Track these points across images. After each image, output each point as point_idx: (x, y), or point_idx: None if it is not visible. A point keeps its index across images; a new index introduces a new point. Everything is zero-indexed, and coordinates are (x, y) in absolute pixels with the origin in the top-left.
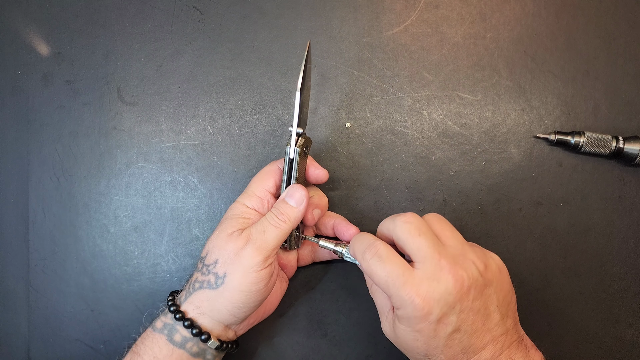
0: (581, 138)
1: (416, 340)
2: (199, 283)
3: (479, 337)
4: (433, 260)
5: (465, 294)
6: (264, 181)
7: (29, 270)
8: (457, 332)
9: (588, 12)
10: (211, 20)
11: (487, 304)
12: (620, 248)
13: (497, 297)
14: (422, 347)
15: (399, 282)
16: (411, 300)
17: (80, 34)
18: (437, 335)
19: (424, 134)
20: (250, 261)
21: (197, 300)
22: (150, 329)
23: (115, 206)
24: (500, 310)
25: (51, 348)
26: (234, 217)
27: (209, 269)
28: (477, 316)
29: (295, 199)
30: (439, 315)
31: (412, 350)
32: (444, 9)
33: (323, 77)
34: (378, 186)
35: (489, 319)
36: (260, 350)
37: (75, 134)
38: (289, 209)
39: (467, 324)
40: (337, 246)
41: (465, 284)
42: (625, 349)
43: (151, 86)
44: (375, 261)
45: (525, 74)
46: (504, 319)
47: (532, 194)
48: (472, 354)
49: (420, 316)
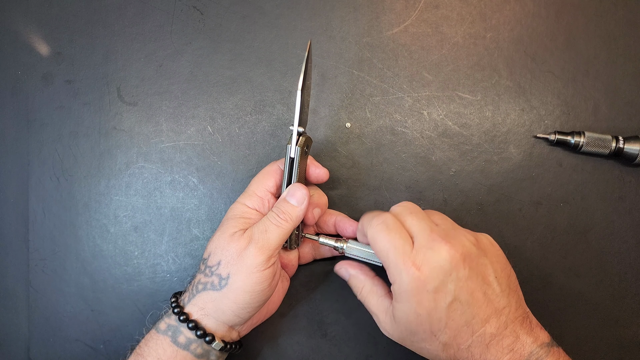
0: (581, 138)
1: (418, 315)
2: (202, 285)
3: (480, 308)
4: (425, 232)
5: (461, 261)
6: (264, 181)
7: (29, 270)
8: (456, 302)
9: (588, 12)
10: (211, 20)
11: (484, 274)
12: (620, 248)
13: (494, 268)
14: (425, 322)
15: (398, 252)
16: (407, 269)
17: (80, 34)
18: (437, 307)
19: (424, 134)
20: (253, 261)
21: (201, 302)
22: (153, 331)
23: (115, 206)
24: (499, 281)
25: (51, 348)
26: (235, 217)
27: (212, 270)
28: (475, 285)
29: (296, 197)
30: (436, 283)
31: (416, 331)
32: (444, 9)
33: (323, 77)
34: (378, 186)
35: (489, 288)
36: (260, 350)
37: (75, 134)
38: (290, 208)
39: (466, 293)
40: (337, 242)
41: (459, 251)
42: (625, 349)
43: (151, 86)
44: (382, 228)
45: (525, 74)
46: (506, 292)
47: (532, 194)
48: (476, 327)
49: (417, 286)
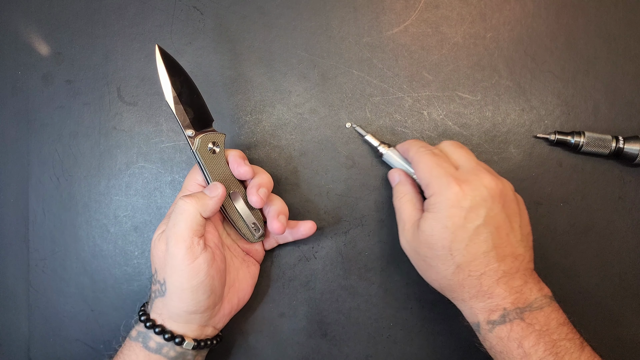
0: (581, 138)
1: (445, 228)
2: (154, 292)
3: (501, 245)
4: (472, 163)
5: (498, 196)
6: (194, 175)
7: (29, 270)
8: (483, 227)
9: (588, 12)
10: (211, 20)
11: (511, 219)
12: (620, 248)
13: (521, 220)
14: (448, 237)
15: (442, 171)
16: (448, 184)
17: (80, 34)
18: (465, 225)
19: (424, 134)
20: (175, 259)
21: (157, 309)
22: (127, 339)
23: (115, 206)
24: (522, 231)
25: (51, 348)
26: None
27: (155, 278)
28: (502, 222)
29: (209, 189)
30: (471, 203)
31: (435, 245)
32: (444, 9)
33: (323, 77)
34: (378, 186)
35: (512, 232)
36: (260, 350)
37: (75, 134)
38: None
39: (493, 225)
40: (380, 145)
41: (499, 187)
42: (625, 349)
43: (151, 86)
44: (428, 153)
45: (525, 74)
46: (524, 242)
47: (532, 194)
48: (492, 260)
49: (453, 201)
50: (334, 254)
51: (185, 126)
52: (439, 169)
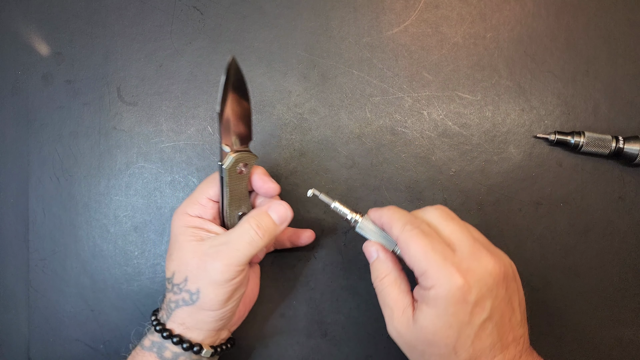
0: (581, 138)
1: (449, 327)
2: (174, 302)
3: (505, 333)
4: (469, 242)
5: (502, 281)
6: (206, 189)
7: (29, 270)
8: (489, 321)
9: (588, 12)
10: (211, 20)
11: (512, 300)
12: (620, 248)
13: (519, 296)
14: (453, 335)
15: (439, 256)
16: (451, 275)
17: (80, 34)
18: (471, 322)
19: (424, 134)
20: (221, 277)
21: (179, 318)
22: (139, 347)
23: (115, 206)
24: (520, 309)
25: (51, 348)
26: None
27: (181, 287)
28: (506, 308)
29: (277, 214)
30: (477, 296)
31: (438, 343)
32: (444, 9)
33: (323, 77)
34: (378, 186)
35: (513, 315)
36: (260, 350)
37: (75, 134)
38: (271, 224)
39: (498, 315)
40: (352, 213)
41: (502, 270)
42: (625, 349)
43: (151, 86)
44: (418, 233)
45: (525, 74)
46: (523, 321)
47: (532, 194)
48: (497, 352)
49: (459, 296)
50: (334, 254)
51: (224, 141)
52: (435, 254)
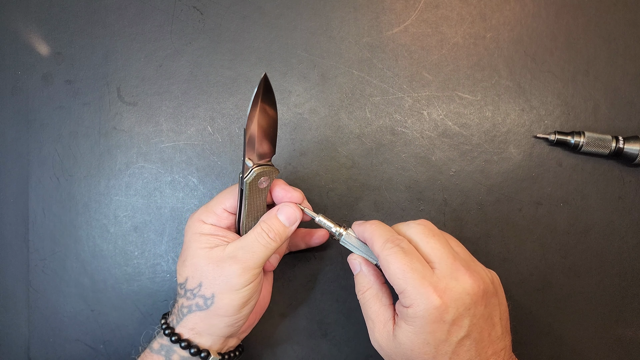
0: (581, 138)
1: (426, 344)
2: (187, 307)
3: (484, 348)
4: (449, 260)
5: (480, 298)
6: (223, 200)
7: (29, 270)
8: (467, 339)
9: (588, 12)
10: (211, 20)
11: (492, 314)
12: (620, 248)
13: (500, 310)
14: (430, 352)
15: (417, 275)
16: (428, 296)
17: (80, 34)
18: (448, 339)
19: (424, 134)
20: (237, 281)
21: (190, 323)
22: (148, 350)
23: (115, 206)
24: (502, 323)
25: (51, 348)
26: (198, 237)
27: (194, 292)
28: (485, 324)
29: (286, 216)
30: (454, 315)
31: (416, 357)
32: (444, 9)
33: (323, 77)
34: (378, 186)
35: (493, 330)
36: (260, 350)
37: (75, 134)
38: (280, 226)
39: (477, 332)
40: (335, 227)
41: (481, 288)
42: (625, 349)
43: (151, 86)
44: (398, 251)
45: (525, 74)
46: (504, 334)
47: (532, 194)
48: None
49: (435, 315)
50: (334, 254)
51: (248, 156)
52: (414, 274)
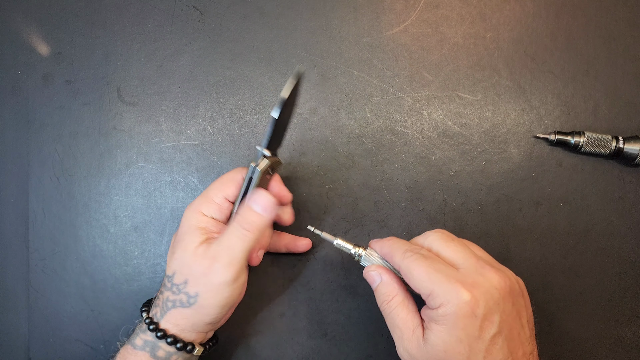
0: (581, 138)
1: (459, 342)
2: (171, 302)
3: (515, 348)
4: (472, 259)
5: (508, 295)
6: (224, 188)
7: (29, 270)
8: (499, 336)
9: (588, 12)
10: (211, 20)
11: (520, 315)
12: (620, 248)
13: (527, 313)
14: (464, 351)
15: (443, 275)
16: (457, 291)
17: (80, 34)
18: (481, 336)
19: (424, 134)
20: (221, 279)
21: (173, 319)
22: (130, 347)
23: (115, 206)
24: (529, 326)
25: (51, 348)
26: (193, 229)
27: (180, 288)
28: (514, 323)
29: (260, 204)
30: (485, 310)
31: (450, 358)
32: (444, 9)
33: (323, 77)
34: (378, 186)
35: (522, 330)
36: (260, 350)
37: (75, 134)
38: (254, 216)
39: (507, 329)
40: (354, 248)
41: (507, 284)
42: (625, 349)
43: (151, 86)
44: (419, 257)
45: (525, 74)
46: (532, 337)
47: (532, 194)
48: None
49: (467, 310)
50: (334, 254)
51: (270, 145)
52: (439, 274)
